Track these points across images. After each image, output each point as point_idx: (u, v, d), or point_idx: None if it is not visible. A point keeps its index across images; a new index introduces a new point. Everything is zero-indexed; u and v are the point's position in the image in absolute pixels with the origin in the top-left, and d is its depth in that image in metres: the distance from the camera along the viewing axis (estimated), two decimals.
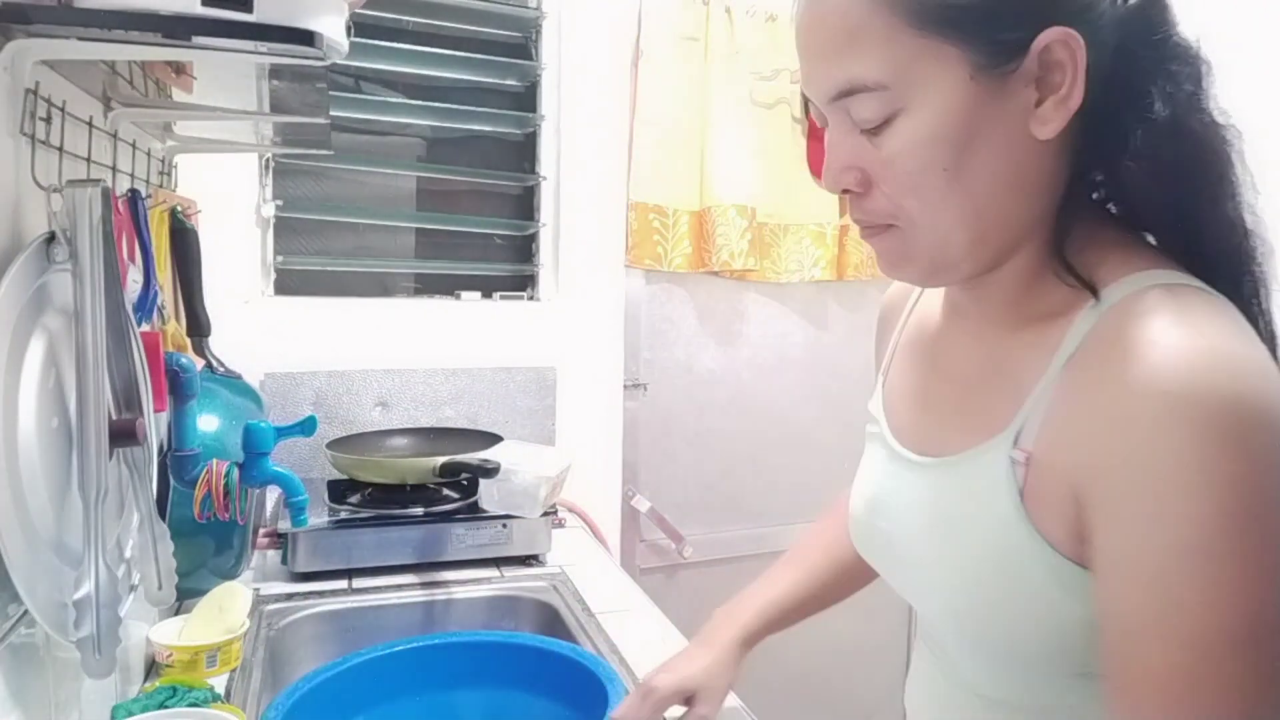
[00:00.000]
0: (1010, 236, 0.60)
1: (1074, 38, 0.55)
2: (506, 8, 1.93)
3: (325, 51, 0.70)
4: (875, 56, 0.56)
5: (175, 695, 0.93)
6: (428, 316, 1.84)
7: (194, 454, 0.99)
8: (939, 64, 0.55)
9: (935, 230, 0.59)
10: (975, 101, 0.56)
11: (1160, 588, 0.50)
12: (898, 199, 0.59)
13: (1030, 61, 0.55)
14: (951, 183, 0.57)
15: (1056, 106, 0.56)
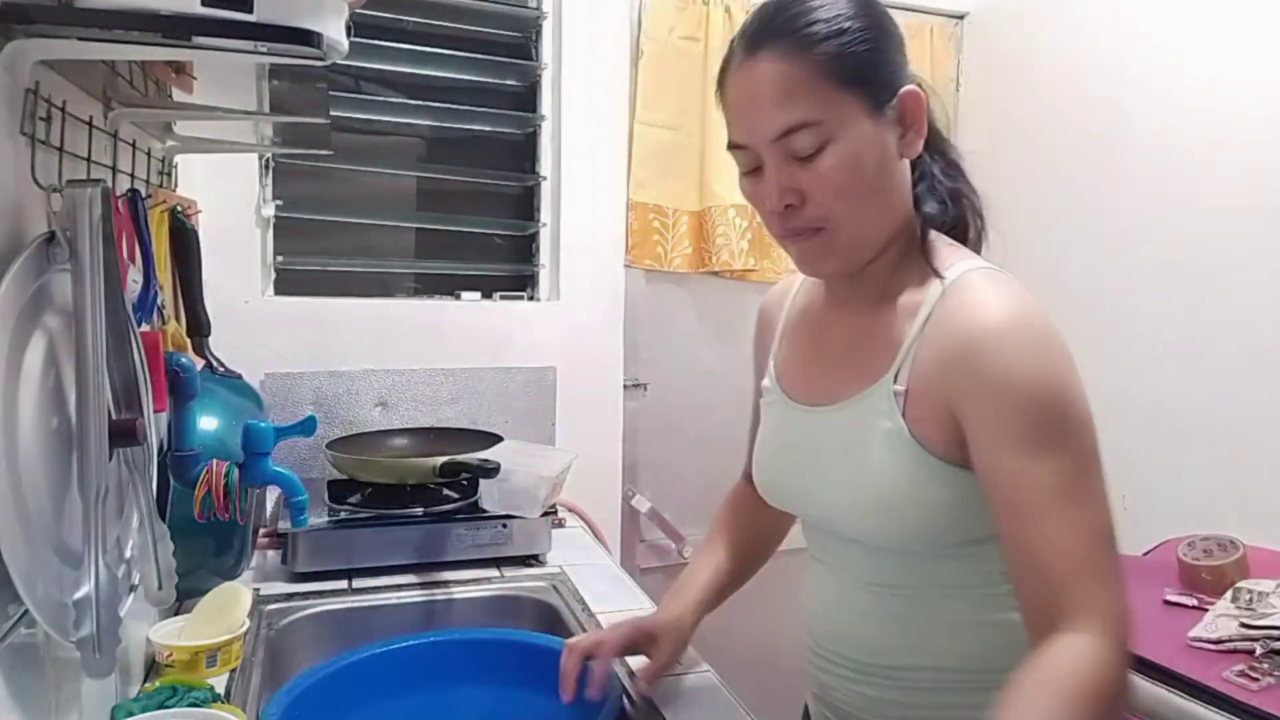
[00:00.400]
0: (891, 233, 0.85)
1: (915, 93, 0.82)
2: (506, 8, 1.93)
3: (325, 51, 0.70)
4: (811, 103, 0.78)
5: (175, 695, 0.93)
6: (428, 316, 1.84)
7: (194, 454, 0.99)
8: (851, 107, 0.79)
9: (856, 226, 0.83)
10: (874, 133, 0.80)
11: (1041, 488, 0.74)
12: (829, 205, 0.81)
13: (895, 106, 0.81)
14: (868, 194, 0.82)
15: (915, 137, 0.83)
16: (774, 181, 0.81)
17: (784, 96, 0.78)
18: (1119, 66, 1.90)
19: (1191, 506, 1.72)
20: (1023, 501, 0.75)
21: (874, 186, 0.81)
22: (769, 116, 0.79)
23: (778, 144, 0.80)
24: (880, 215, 0.84)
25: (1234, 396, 1.68)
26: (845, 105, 0.79)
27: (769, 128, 0.79)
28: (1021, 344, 0.77)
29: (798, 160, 0.80)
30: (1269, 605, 1.26)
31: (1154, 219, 1.84)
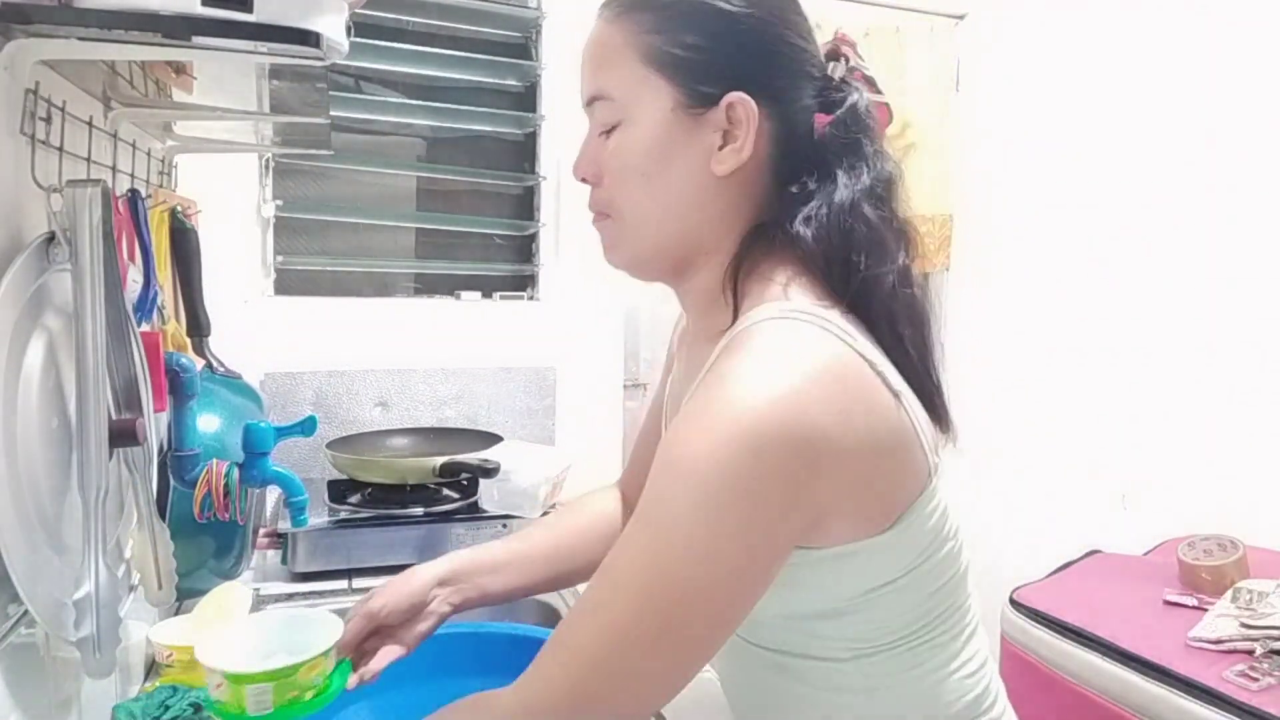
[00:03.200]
0: (690, 248, 0.75)
1: (749, 104, 0.70)
2: (506, 8, 1.93)
3: (325, 51, 0.70)
4: (613, 76, 0.74)
5: (175, 695, 0.93)
6: (428, 316, 1.84)
7: (194, 454, 0.99)
8: (653, 92, 0.72)
9: (633, 225, 0.76)
10: (673, 129, 0.72)
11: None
12: (611, 192, 0.76)
13: (719, 113, 0.71)
14: (646, 187, 0.73)
15: (732, 153, 0.71)
16: (582, 149, 0.79)
17: (599, 60, 0.76)
18: (1119, 66, 1.90)
19: (1191, 506, 1.73)
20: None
21: (656, 184, 0.73)
22: (583, 79, 0.78)
23: (589, 109, 0.77)
24: (664, 219, 0.74)
25: (1234, 397, 1.69)
26: (647, 88, 0.72)
27: (583, 91, 0.78)
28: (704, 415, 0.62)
29: (600, 132, 0.77)
30: (1269, 605, 1.26)
31: (1154, 219, 1.84)
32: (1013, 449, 2.18)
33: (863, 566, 0.67)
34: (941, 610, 0.72)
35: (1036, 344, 2.09)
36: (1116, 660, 1.26)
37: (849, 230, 0.71)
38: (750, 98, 0.71)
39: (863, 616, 0.69)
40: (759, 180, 0.74)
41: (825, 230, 0.71)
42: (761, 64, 0.72)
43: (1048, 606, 1.41)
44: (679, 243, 0.75)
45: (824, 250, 0.71)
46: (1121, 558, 1.62)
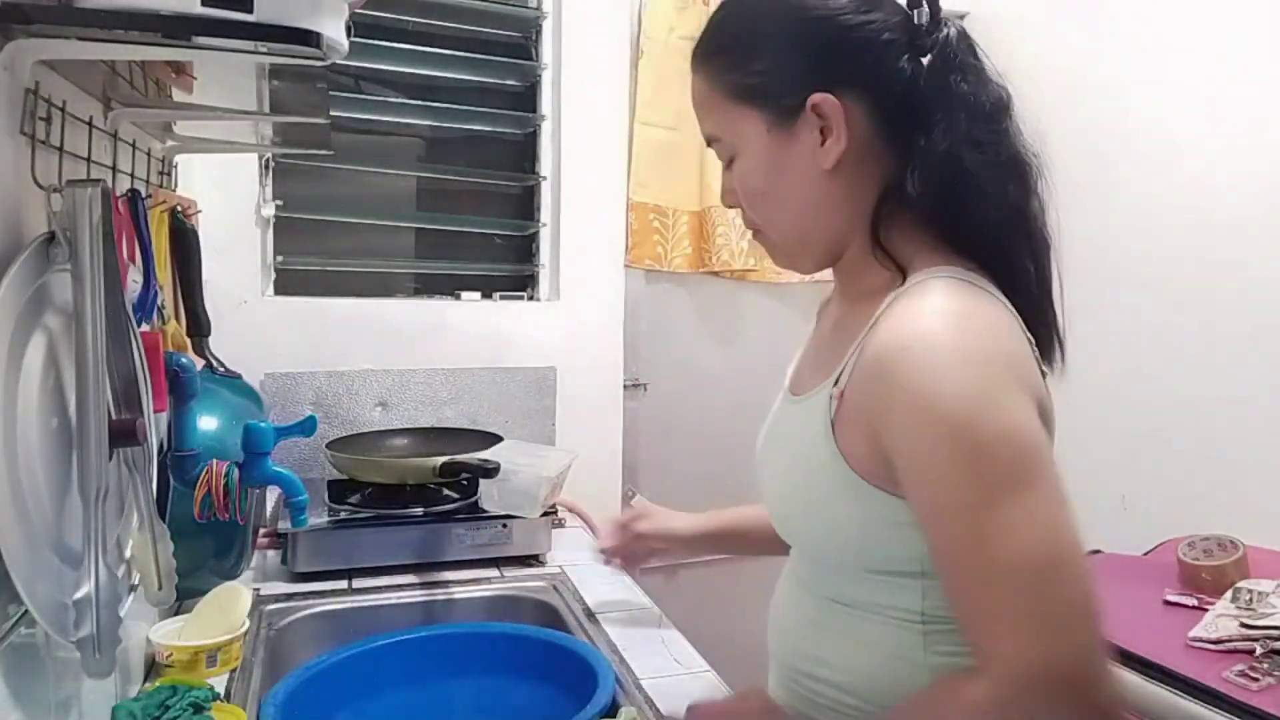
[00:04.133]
0: (832, 236, 0.82)
1: (829, 100, 0.76)
2: (506, 8, 1.93)
3: (325, 51, 0.70)
4: (712, 120, 0.83)
5: (175, 695, 0.93)
6: (428, 316, 1.84)
7: (194, 454, 0.99)
8: (747, 123, 0.80)
9: (779, 234, 0.84)
10: (774, 146, 0.79)
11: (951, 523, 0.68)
12: (752, 212, 0.84)
13: (809, 116, 0.77)
14: (771, 200, 0.82)
15: (832, 145, 0.77)
16: (721, 181, 0.87)
17: (699, 110, 0.85)
18: (1119, 66, 1.91)
19: (1191, 506, 1.73)
20: (937, 538, 0.69)
21: (778, 196, 0.81)
22: (700, 123, 0.86)
23: (710, 149, 0.86)
24: (798, 221, 0.82)
25: (1234, 397, 1.69)
26: (742, 121, 0.80)
27: (702, 132, 0.86)
28: (935, 360, 0.68)
29: (726, 166, 0.85)
30: (1269, 605, 1.26)
31: (1154, 218, 1.84)
32: None
33: None
34: None
35: None
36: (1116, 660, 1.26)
37: (950, 184, 0.75)
38: (829, 93, 0.76)
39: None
40: (870, 156, 0.78)
41: (930, 188, 0.75)
42: (827, 60, 0.77)
43: None
44: (821, 235, 0.83)
45: (933, 207, 0.76)
46: (1121, 558, 1.62)
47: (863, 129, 0.77)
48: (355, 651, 1.04)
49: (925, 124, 0.76)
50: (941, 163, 0.75)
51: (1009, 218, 0.78)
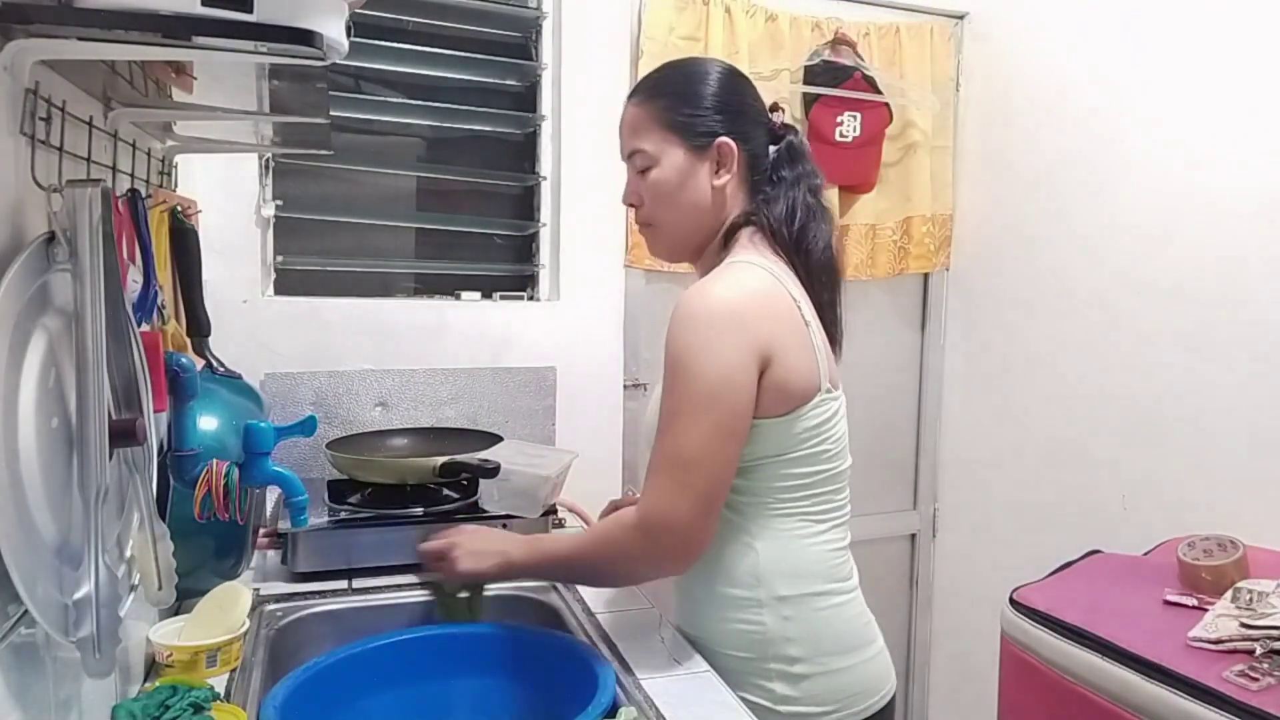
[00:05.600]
0: (704, 236, 1.17)
1: (730, 143, 1.13)
2: (506, 8, 1.93)
3: (325, 51, 0.70)
4: (643, 139, 1.15)
5: (175, 695, 0.92)
6: (428, 316, 1.84)
7: (194, 454, 0.99)
8: (670, 145, 1.14)
9: (667, 226, 1.17)
10: (686, 165, 1.13)
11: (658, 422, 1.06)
12: (652, 209, 1.17)
13: (712, 151, 1.13)
14: (674, 203, 1.15)
15: (724, 174, 1.14)
16: (627, 185, 1.19)
17: (631, 130, 1.16)
18: (1119, 66, 1.91)
19: (1191, 506, 1.73)
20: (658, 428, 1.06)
21: (680, 201, 1.14)
22: (625, 141, 1.18)
23: (629, 160, 1.17)
24: (687, 221, 1.15)
25: (1234, 396, 1.69)
26: (668, 142, 1.13)
27: (625, 148, 1.18)
28: (676, 319, 1.04)
29: (639, 174, 1.16)
30: (1269, 605, 1.26)
31: (1154, 218, 1.84)
32: (1013, 448, 2.18)
33: (763, 436, 1.05)
34: (813, 491, 1.09)
35: (1036, 343, 2.09)
36: (1116, 660, 1.26)
37: (794, 212, 1.14)
38: (729, 139, 1.13)
39: (756, 475, 1.07)
40: (741, 186, 1.16)
41: (781, 213, 1.14)
42: (731, 119, 1.14)
43: (1048, 606, 1.41)
44: (696, 234, 1.17)
45: (776, 227, 1.13)
46: (1121, 558, 1.62)
47: (740, 169, 1.14)
48: (355, 651, 1.04)
49: (775, 179, 1.16)
50: (785, 203, 1.14)
51: (824, 242, 1.15)
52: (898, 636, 2.46)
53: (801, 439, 1.06)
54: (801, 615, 1.07)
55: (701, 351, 1.01)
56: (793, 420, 1.05)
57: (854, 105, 2.13)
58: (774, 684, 1.07)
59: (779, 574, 1.07)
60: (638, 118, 1.15)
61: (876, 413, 2.38)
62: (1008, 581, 1.53)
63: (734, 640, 1.09)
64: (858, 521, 1.19)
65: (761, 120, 1.18)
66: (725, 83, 1.16)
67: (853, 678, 1.10)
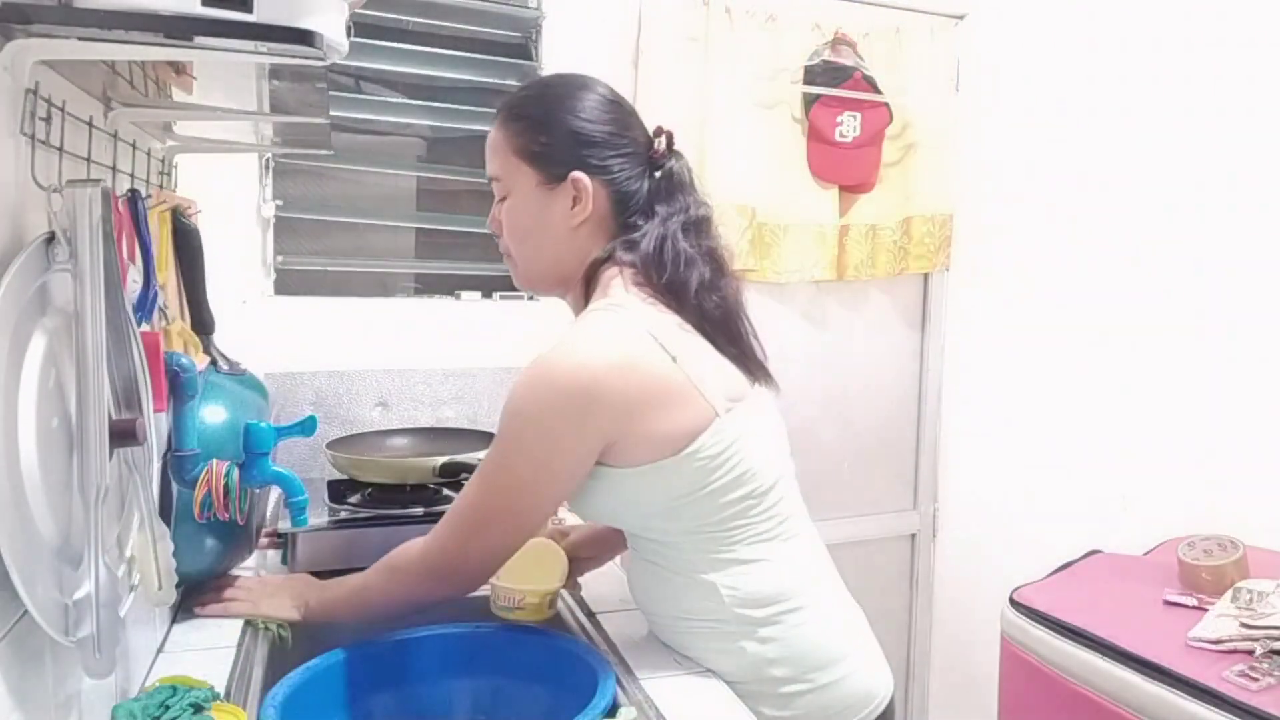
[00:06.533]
0: (562, 273, 1.09)
1: (584, 179, 1.04)
2: (506, 8, 1.93)
3: (325, 51, 0.70)
4: (498, 165, 1.08)
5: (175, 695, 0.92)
6: (428, 316, 1.84)
7: (194, 454, 0.99)
8: (523, 175, 1.06)
9: (522, 258, 1.10)
10: (539, 198, 1.06)
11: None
12: (507, 239, 1.10)
13: (568, 184, 1.04)
14: (526, 238, 1.08)
15: (580, 210, 1.05)
16: (491, 210, 1.12)
17: (491, 153, 1.09)
18: (1119, 66, 1.91)
19: (1191, 506, 1.73)
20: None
21: (534, 235, 1.07)
22: (487, 164, 1.10)
23: (491, 184, 1.10)
24: (541, 256, 1.08)
25: (1234, 396, 1.69)
26: (520, 173, 1.06)
27: (487, 171, 1.10)
28: (530, 379, 0.97)
29: (498, 200, 1.10)
30: (1269, 605, 1.26)
31: (1154, 218, 1.84)
32: (1013, 449, 2.18)
33: (663, 480, 0.97)
34: (749, 514, 1.01)
35: (1036, 344, 2.09)
36: (1116, 660, 1.26)
37: (661, 250, 1.03)
38: (585, 174, 1.04)
39: (679, 515, 1.00)
40: (605, 223, 1.07)
41: (647, 251, 1.03)
42: (592, 151, 1.05)
43: (1048, 606, 1.41)
44: (554, 270, 1.09)
45: (646, 264, 1.03)
46: (1121, 558, 1.62)
47: (602, 205, 1.05)
48: (355, 651, 1.04)
49: (647, 213, 1.06)
50: (659, 239, 1.04)
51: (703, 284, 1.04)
52: (898, 636, 2.46)
53: (705, 472, 0.97)
54: (779, 635, 1.02)
55: (533, 429, 0.96)
56: (685, 459, 0.96)
57: (854, 105, 2.13)
58: (764, 707, 1.02)
59: (742, 603, 1.01)
60: (495, 141, 1.08)
61: (876, 413, 2.38)
62: (1008, 581, 1.53)
63: (721, 666, 1.04)
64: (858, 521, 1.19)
65: (635, 151, 1.07)
66: (594, 110, 1.06)
67: (844, 690, 1.04)
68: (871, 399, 2.36)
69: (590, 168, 1.04)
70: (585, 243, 1.07)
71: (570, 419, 0.94)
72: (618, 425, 0.95)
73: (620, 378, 0.95)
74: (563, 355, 0.96)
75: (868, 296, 2.33)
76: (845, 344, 2.31)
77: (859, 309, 2.31)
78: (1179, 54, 1.79)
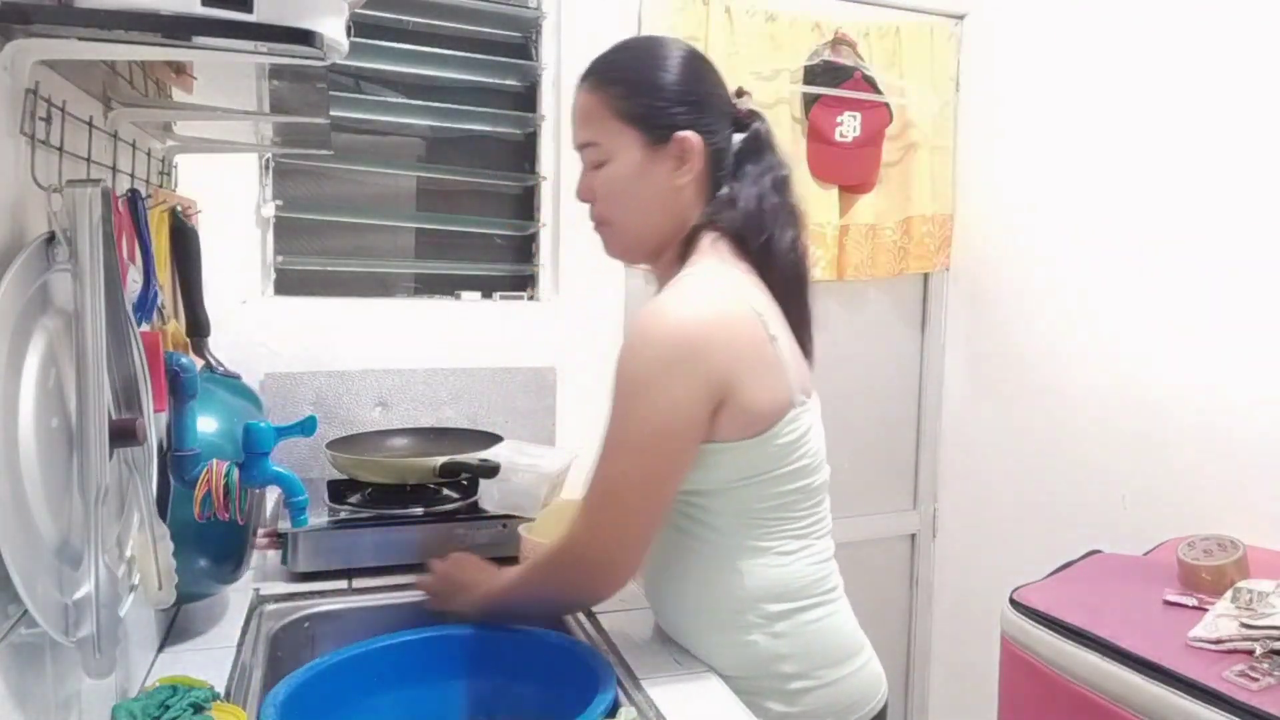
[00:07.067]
0: (662, 239, 1.08)
1: (692, 139, 1.04)
2: (506, 8, 1.93)
3: (325, 51, 0.70)
4: (595, 131, 1.06)
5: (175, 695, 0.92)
6: (428, 316, 1.84)
7: (194, 454, 0.99)
8: (625, 138, 1.04)
9: (623, 226, 1.09)
10: (643, 161, 1.05)
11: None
12: (606, 207, 1.09)
13: (674, 145, 1.04)
14: (630, 200, 1.07)
15: (686, 172, 1.05)
16: (580, 180, 1.10)
17: (584, 119, 1.07)
18: (1119, 65, 1.91)
19: (1191, 506, 1.73)
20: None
21: (638, 199, 1.06)
22: (577, 132, 1.09)
23: (581, 153, 1.09)
24: (645, 221, 1.07)
25: (1233, 397, 1.69)
26: (623, 135, 1.04)
27: (576, 140, 1.09)
28: (631, 339, 0.98)
29: (592, 168, 1.08)
30: (1269, 605, 1.26)
31: (1154, 219, 1.84)
32: (1013, 449, 2.18)
33: (738, 460, 0.99)
34: (794, 508, 1.04)
35: (1036, 344, 2.09)
36: (1116, 660, 1.26)
37: (761, 211, 1.05)
38: (691, 132, 1.04)
39: (734, 497, 1.02)
40: (703, 184, 1.07)
41: (748, 211, 1.05)
42: (693, 110, 1.05)
43: (1048, 606, 1.41)
44: (655, 236, 1.09)
45: (739, 226, 1.05)
46: (1121, 558, 1.62)
47: (701, 165, 1.05)
48: (355, 651, 1.04)
49: (737, 174, 1.07)
50: (755, 200, 1.05)
51: (791, 244, 1.07)
52: (898, 636, 2.46)
53: (776, 458, 1.01)
54: (793, 631, 1.04)
55: (650, 388, 0.95)
56: (765, 441, 0.99)
57: (854, 105, 2.13)
58: (770, 702, 1.03)
59: (766, 594, 1.03)
60: (590, 107, 1.05)
61: (876, 413, 2.38)
62: (1008, 581, 1.53)
63: (725, 661, 1.05)
64: (858, 521, 1.20)
65: (726, 109, 1.09)
66: (688, 68, 1.06)
67: (848, 687, 1.07)
68: (871, 399, 2.35)
69: (693, 126, 1.04)
70: (686, 205, 1.07)
71: (681, 373, 0.95)
72: (722, 386, 0.96)
73: (726, 334, 0.97)
74: (669, 310, 0.98)
75: (868, 297, 2.33)
76: (845, 344, 2.31)
77: (859, 309, 2.31)
78: (1179, 53, 1.79)
